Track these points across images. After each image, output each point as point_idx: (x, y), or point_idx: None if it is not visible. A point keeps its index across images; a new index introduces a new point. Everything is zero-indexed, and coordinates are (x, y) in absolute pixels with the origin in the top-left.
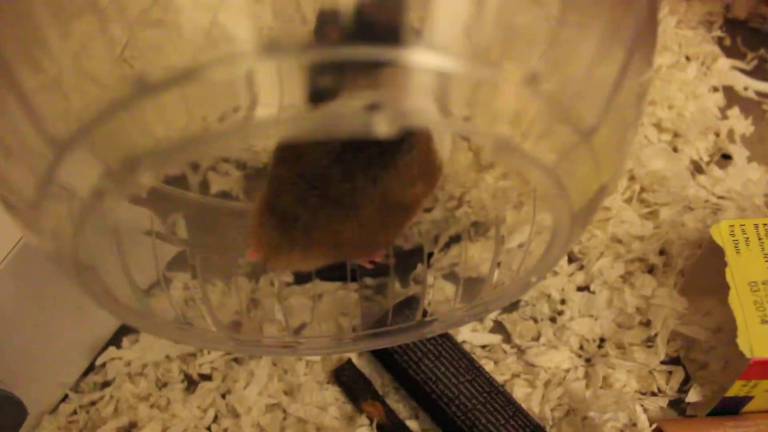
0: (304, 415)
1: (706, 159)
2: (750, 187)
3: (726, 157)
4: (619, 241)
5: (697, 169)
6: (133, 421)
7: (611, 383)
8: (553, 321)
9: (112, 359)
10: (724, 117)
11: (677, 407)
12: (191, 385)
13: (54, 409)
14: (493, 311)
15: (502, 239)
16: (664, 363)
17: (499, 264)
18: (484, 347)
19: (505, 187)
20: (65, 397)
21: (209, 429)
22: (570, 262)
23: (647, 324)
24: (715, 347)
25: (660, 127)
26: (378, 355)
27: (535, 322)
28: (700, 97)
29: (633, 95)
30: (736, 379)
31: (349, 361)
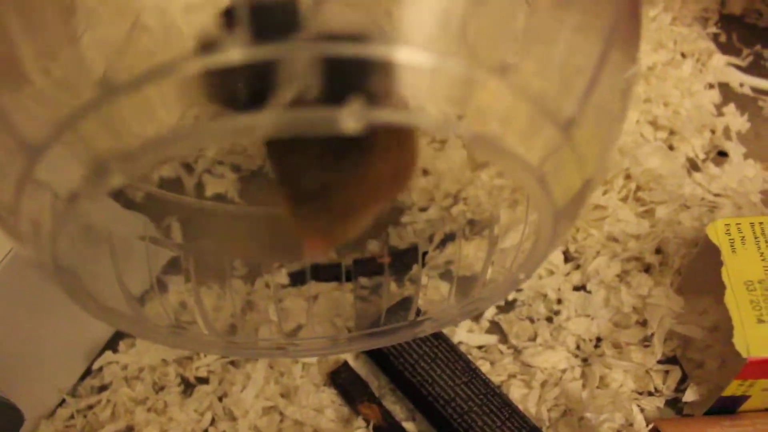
0: (301, 418)
1: (702, 156)
2: (746, 184)
3: (722, 155)
4: (615, 240)
5: (693, 166)
6: (130, 425)
7: (608, 383)
8: (549, 321)
9: (109, 363)
10: (720, 114)
11: (674, 406)
12: (188, 388)
13: (51, 414)
14: (483, 309)
15: (495, 238)
16: (660, 362)
17: (493, 262)
18: (480, 348)
19: (500, 185)
20: (62, 401)
21: None
22: (566, 261)
23: (644, 323)
24: (711, 346)
25: (656, 125)
26: (374, 357)
27: (532, 322)
28: (695, 94)
29: (616, 90)
30: (732, 378)
31: (346, 363)
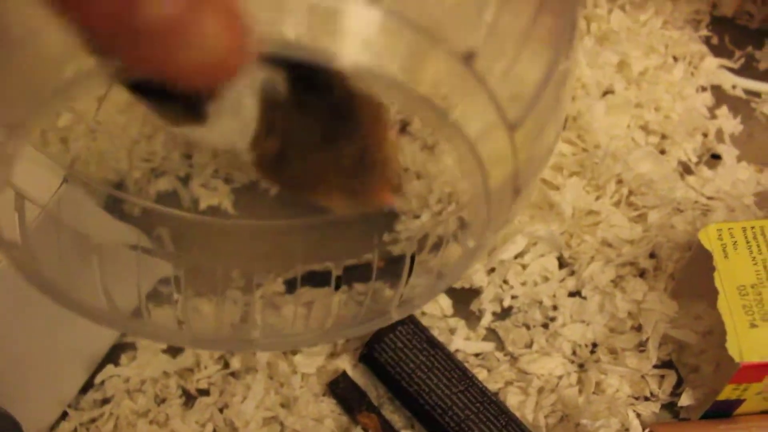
0: (300, 428)
1: (694, 160)
2: (739, 187)
3: (715, 157)
4: (609, 245)
5: (686, 170)
6: None
7: (604, 389)
8: (545, 327)
9: (111, 377)
10: (713, 116)
11: (670, 410)
12: (189, 400)
13: (54, 427)
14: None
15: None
16: (656, 367)
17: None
18: (477, 355)
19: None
20: (65, 415)
21: None
22: (561, 267)
23: (639, 328)
24: (706, 350)
25: (647, 130)
26: (372, 367)
27: (528, 328)
28: (687, 97)
29: (554, 85)
30: (727, 382)
31: (344, 373)
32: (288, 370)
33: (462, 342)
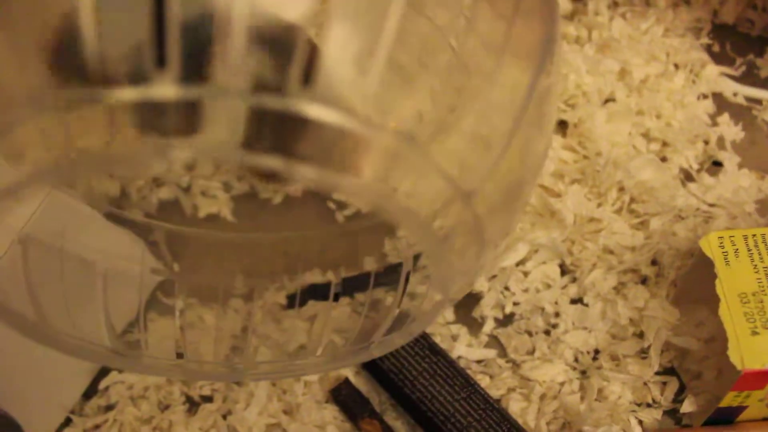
0: None
1: (696, 167)
2: (741, 194)
3: (717, 164)
4: (611, 253)
5: (687, 177)
6: None
7: (606, 395)
8: (547, 334)
9: (115, 383)
10: (714, 124)
11: (672, 417)
12: (193, 407)
13: None
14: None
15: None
16: (658, 374)
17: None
18: (479, 362)
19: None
20: (69, 421)
21: None
22: (563, 274)
23: (641, 335)
24: (708, 357)
25: (648, 137)
26: (374, 374)
27: (530, 335)
28: (688, 105)
29: (525, 161)
30: (729, 389)
31: (347, 380)
32: (291, 378)
33: (464, 349)
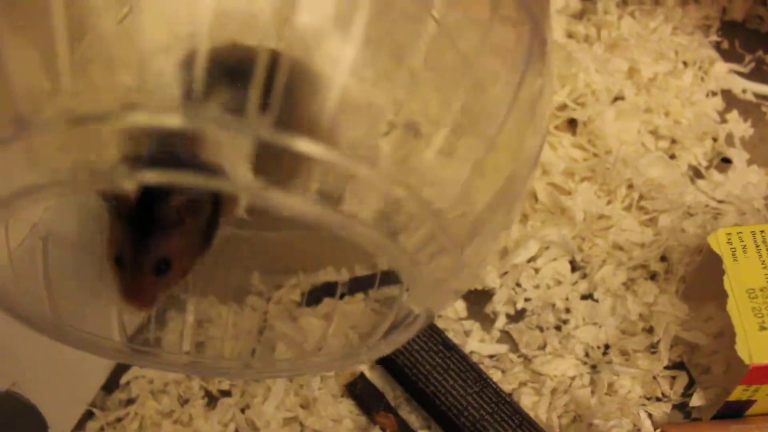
0: (320, 428)
1: (704, 164)
2: (750, 191)
3: (726, 161)
4: (621, 249)
5: (696, 174)
6: None
7: (616, 389)
8: (558, 329)
9: (136, 377)
10: (723, 121)
11: (682, 411)
12: (212, 401)
13: (81, 427)
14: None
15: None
16: (667, 368)
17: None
18: (491, 357)
19: None
20: (91, 414)
21: None
22: (573, 270)
23: (650, 330)
24: (717, 351)
25: (657, 135)
26: (389, 368)
27: (541, 331)
28: (697, 102)
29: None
30: (737, 383)
31: (362, 374)
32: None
33: (476, 344)
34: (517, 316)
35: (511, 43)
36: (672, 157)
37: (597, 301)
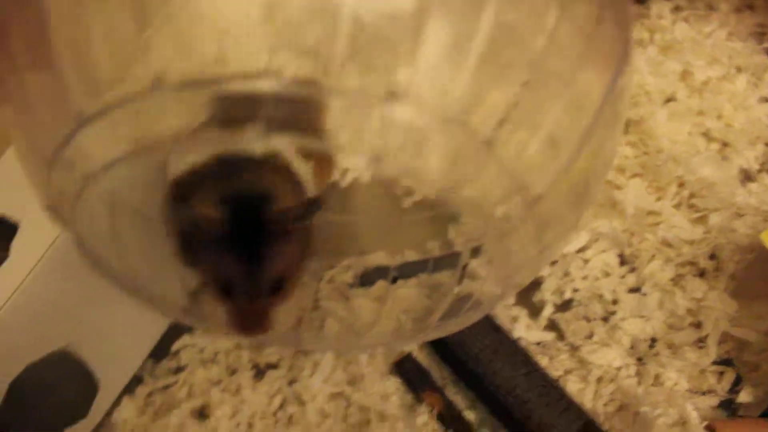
0: (367, 404)
1: (756, 167)
2: None
3: None
4: (670, 245)
5: (747, 177)
6: (205, 403)
7: (662, 381)
8: (605, 320)
9: (186, 346)
10: None
11: (728, 408)
12: (259, 373)
13: (130, 391)
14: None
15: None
16: (715, 363)
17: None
18: (538, 344)
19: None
20: (140, 380)
21: (275, 414)
22: (621, 264)
23: (698, 326)
24: (766, 349)
25: (708, 137)
26: (438, 349)
27: (588, 321)
28: (749, 107)
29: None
30: None
31: (410, 354)
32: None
33: (524, 330)
34: (564, 306)
35: (607, 47)
36: (723, 159)
37: (645, 294)
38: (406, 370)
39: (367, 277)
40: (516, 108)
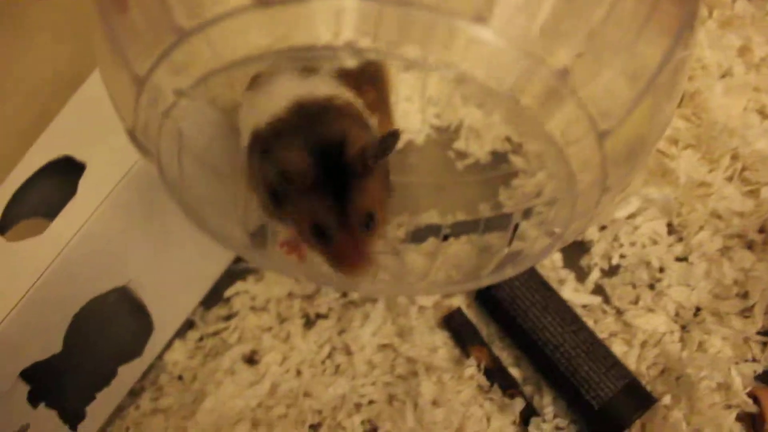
0: (414, 356)
1: None
2: None
3: None
4: (719, 217)
5: None
6: (255, 349)
7: (706, 348)
8: (651, 287)
9: (238, 293)
10: None
11: None
12: (309, 322)
13: (182, 335)
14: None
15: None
16: (760, 333)
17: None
18: (584, 307)
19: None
20: (193, 324)
21: (324, 363)
22: (669, 233)
23: (744, 296)
24: None
25: (763, 114)
26: (486, 305)
27: (634, 287)
28: None
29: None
30: None
31: (459, 309)
32: (406, 302)
33: (571, 293)
34: (611, 271)
35: (671, 16)
36: None
37: (692, 264)
38: (455, 324)
39: (419, 234)
40: (590, 45)
